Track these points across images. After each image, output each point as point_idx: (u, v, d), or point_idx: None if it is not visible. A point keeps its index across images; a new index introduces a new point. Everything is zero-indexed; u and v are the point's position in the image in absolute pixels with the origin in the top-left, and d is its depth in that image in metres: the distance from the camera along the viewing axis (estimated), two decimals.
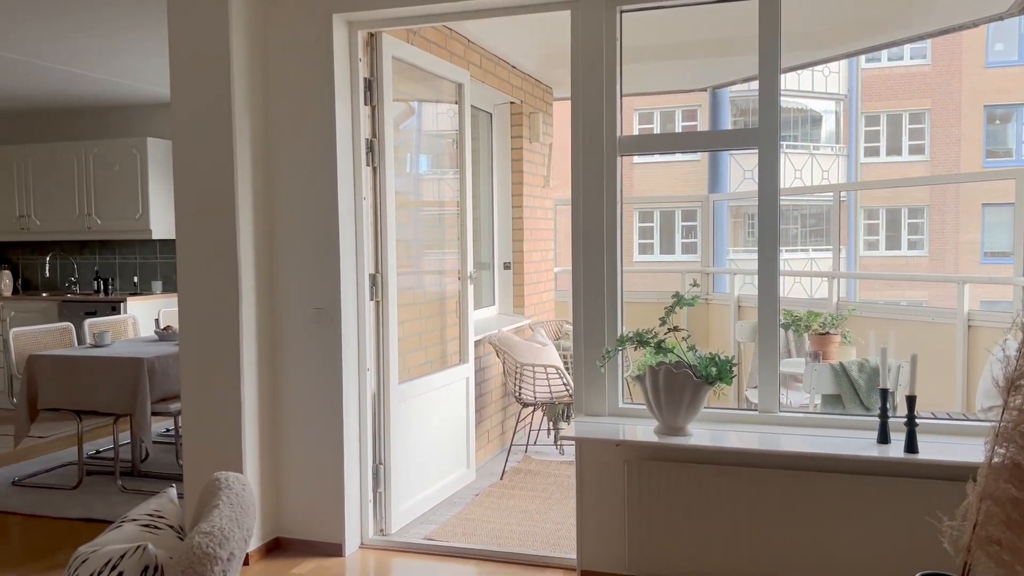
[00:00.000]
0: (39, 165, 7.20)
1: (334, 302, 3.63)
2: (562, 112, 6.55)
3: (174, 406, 4.71)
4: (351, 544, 3.69)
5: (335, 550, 3.64)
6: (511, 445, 5.08)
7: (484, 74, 5.13)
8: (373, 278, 3.83)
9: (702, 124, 17.97)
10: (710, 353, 2.92)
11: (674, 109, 18.45)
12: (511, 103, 5.84)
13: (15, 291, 7.54)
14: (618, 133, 3.34)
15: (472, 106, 4.86)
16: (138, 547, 1.66)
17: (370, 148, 3.77)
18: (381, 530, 3.87)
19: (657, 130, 18.53)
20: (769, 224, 3.21)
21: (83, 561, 1.73)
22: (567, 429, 3.37)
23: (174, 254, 7.18)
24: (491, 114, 5.86)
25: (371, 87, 3.76)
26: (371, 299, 3.82)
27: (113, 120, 7.39)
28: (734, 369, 2.90)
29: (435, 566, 3.59)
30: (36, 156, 7.20)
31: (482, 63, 5.09)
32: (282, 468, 3.72)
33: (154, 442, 5.64)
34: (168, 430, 6.02)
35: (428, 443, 4.25)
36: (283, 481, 3.72)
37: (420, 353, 4.34)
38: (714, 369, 2.86)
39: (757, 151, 3.20)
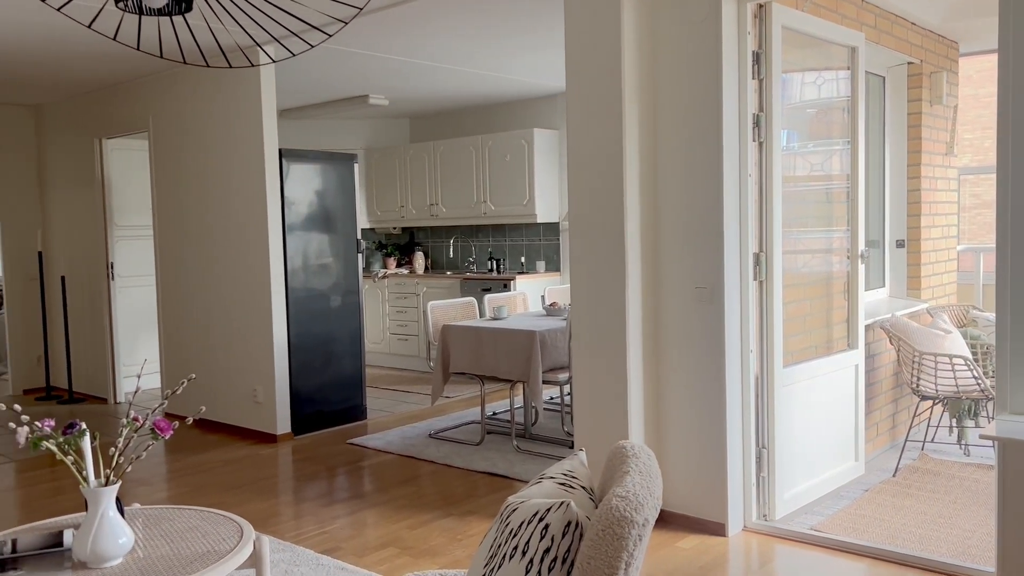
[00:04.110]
0: (445, 159, 8.17)
1: (717, 281, 3.61)
2: (971, 69, 5.78)
3: (561, 376, 5.06)
4: (734, 526, 3.66)
5: (718, 529, 3.65)
6: (905, 441, 4.64)
7: (878, 35, 4.71)
8: (757, 257, 3.73)
9: None
10: None
11: None
12: (908, 64, 5.28)
13: (426, 269, 8.68)
14: None
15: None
16: (562, 503, 1.80)
17: (756, 123, 3.67)
18: (764, 515, 3.78)
19: None
20: None
21: (513, 510, 1.92)
22: (987, 428, 2.98)
23: (556, 236, 7.76)
24: (883, 78, 5.37)
25: (758, 60, 3.65)
26: (754, 279, 3.73)
27: (504, 114, 8.11)
28: None
29: (822, 558, 3.42)
30: (443, 151, 8.18)
31: (876, 23, 4.67)
32: (665, 442, 3.81)
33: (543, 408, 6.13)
34: (552, 398, 6.50)
35: (812, 431, 4.05)
36: (666, 455, 3.80)
37: (804, 337, 4.14)
38: None
39: None
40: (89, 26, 2.55)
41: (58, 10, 2.54)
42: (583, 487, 2.10)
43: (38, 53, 5.50)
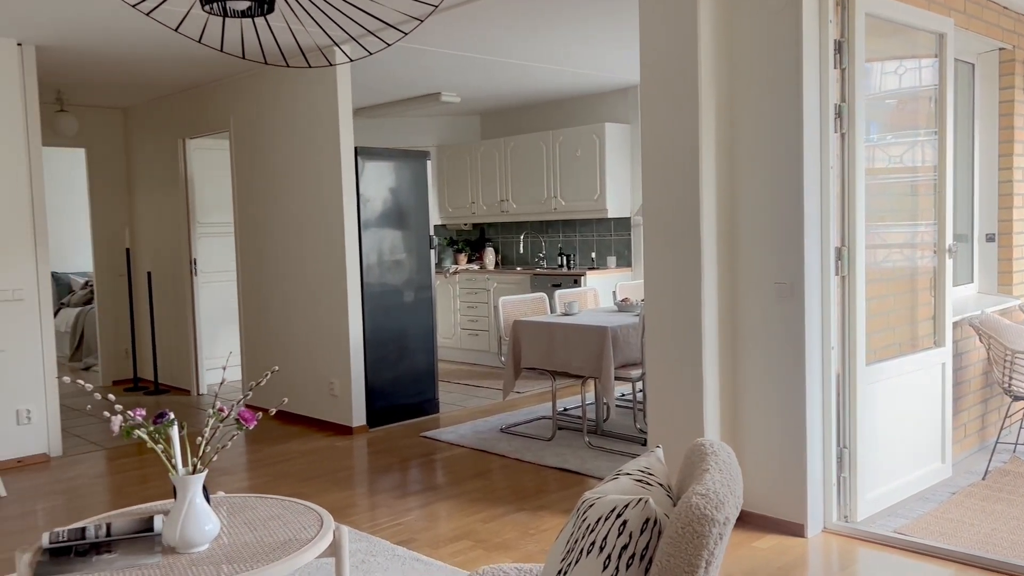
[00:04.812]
0: (516, 155, 8.19)
1: (797, 277, 3.52)
2: None
3: (634, 372, 5.01)
4: (813, 526, 3.58)
5: (796, 530, 3.56)
6: (996, 443, 4.45)
7: (968, 20, 4.52)
8: (839, 252, 3.62)
9: None
10: None
11: None
12: (1000, 50, 5.06)
13: (496, 265, 8.71)
14: None
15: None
16: (640, 499, 1.78)
17: (838, 114, 3.57)
18: (845, 517, 3.68)
19: None
20: None
21: (590, 505, 1.92)
22: None
23: (627, 231, 7.69)
24: (972, 65, 5.15)
25: (840, 49, 3.54)
26: (836, 274, 3.62)
27: (575, 109, 8.08)
28: None
29: (906, 562, 3.31)
30: (513, 147, 8.20)
31: (965, 8, 4.49)
32: (741, 441, 3.74)
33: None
34: (624, 395, 6.45)
35: (896, 431, 3.92)
36: (743, 454, 3.74)
37: (887, 334, 4.01)
38: None
39: None
40: (176, 29, 2.64)
41: (147, 15, 2.63)
42: (660, 484, 2.08)
43: (128, 57, 5.72)
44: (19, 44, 5.24)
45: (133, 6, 2.51)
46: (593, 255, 8.01)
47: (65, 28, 4.93)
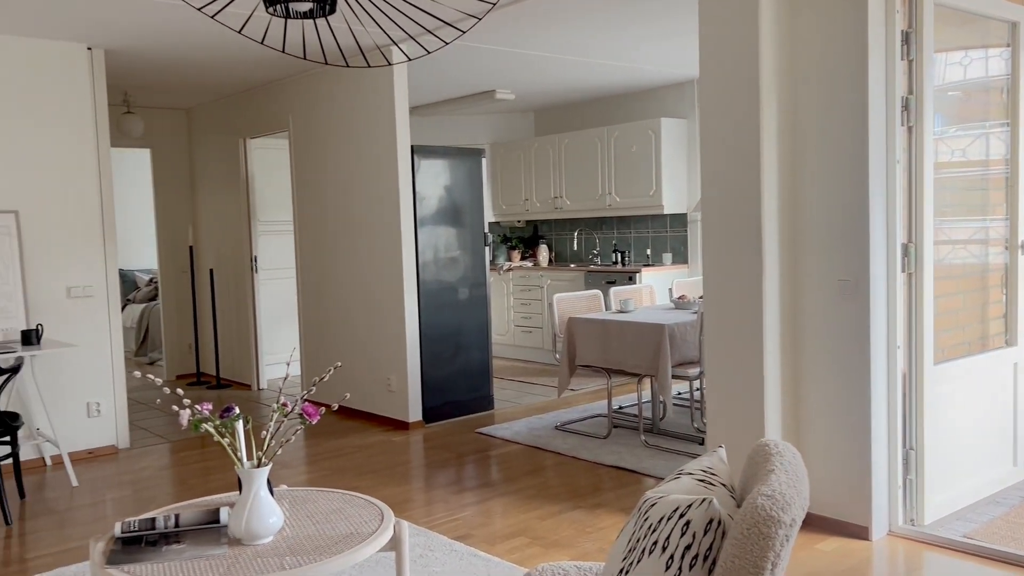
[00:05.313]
0: (570, 151, 8.16)
1: (862, 274, 3.44)
2: None
3: (691, 371, 4.96)
4: (878, 529, 3.49)
5: (860, 532, 3.49)
6: None
7: None
8: (906, 248, 3.53)
9: None
10: None
11: None
12: None
13: (550, 262, 8.70)
14: None
15: None
16: (704, 500, 1.76)
17: (905, 106, 3.47)
18: (911, 520, 3.59)
19: None
20: None
21: (652, 504, 1.90)
22: None
23: (683, 228, 7.60)
24: None
25: (908, 39, 3.44)
26: (902, 271, 3.53)
27: (630, 104, 8.02)
28: None
29: (975, 568, 3.21)
30: (567, 143, 8.17)
31: None
32: (803, 441, 3.67)
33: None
34: (680, 393, 6.38)
35: (965, 433, 3.80)
36: (804, 454, 3.66)
37: (956, 333, 3.89)
38: None
39: None
40: (239, 31, 2.69)
41: (212, 17, 2.69)
42: (723, 484, 2.05)
43: (191, 59, 5.86)
44: (89, 48, 5.41)
45: (199, 9, 2.57)
46: (648, 252, 7.94)
47: (133, 32, 5.07)
